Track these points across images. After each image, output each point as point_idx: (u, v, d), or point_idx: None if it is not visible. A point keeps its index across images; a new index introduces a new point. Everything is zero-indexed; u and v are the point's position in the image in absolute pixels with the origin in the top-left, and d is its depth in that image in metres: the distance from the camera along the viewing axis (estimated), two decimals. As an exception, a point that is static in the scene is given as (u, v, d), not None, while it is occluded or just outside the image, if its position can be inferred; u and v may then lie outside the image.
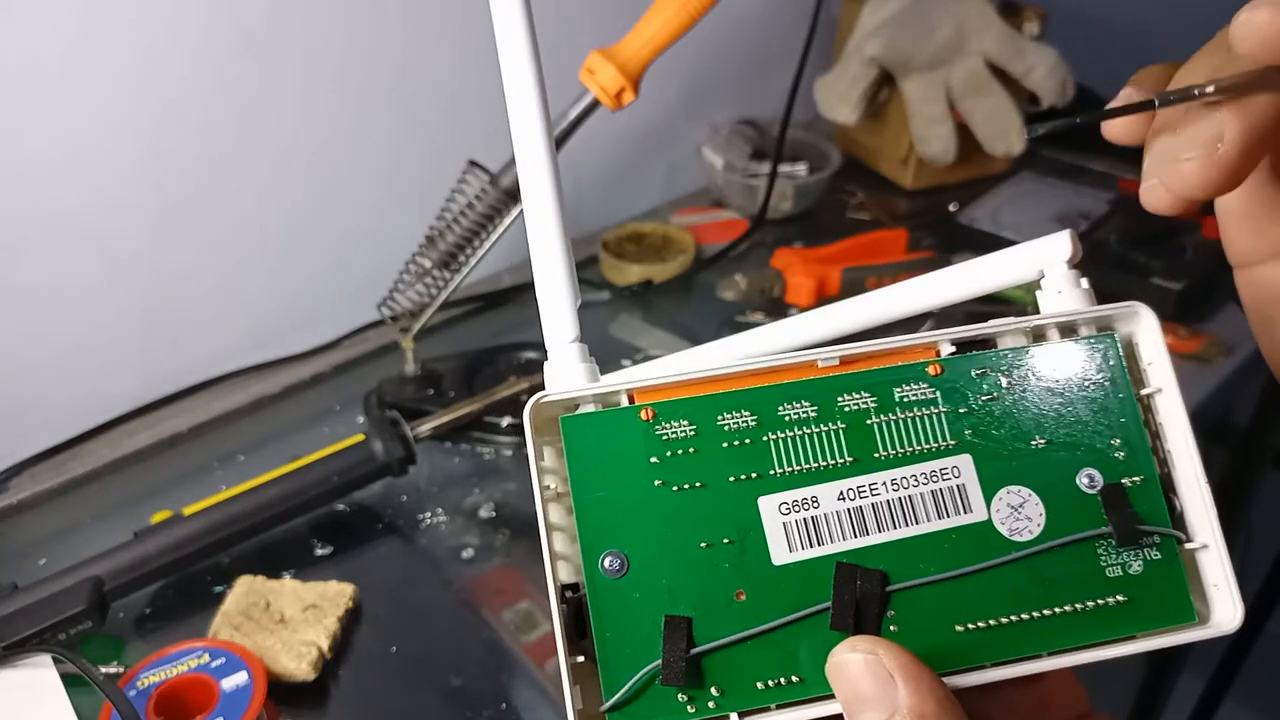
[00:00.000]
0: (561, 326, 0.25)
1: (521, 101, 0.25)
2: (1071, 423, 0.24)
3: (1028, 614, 0.23)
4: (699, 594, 0.23)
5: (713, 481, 0.23)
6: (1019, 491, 0.24)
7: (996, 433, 0.24)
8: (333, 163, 0.75)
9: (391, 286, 0.67)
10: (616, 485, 0.23)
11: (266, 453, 0.67)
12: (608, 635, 0.23)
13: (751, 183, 0.93)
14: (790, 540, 0.23)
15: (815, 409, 0.24)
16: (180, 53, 0.64)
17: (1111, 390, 0.25)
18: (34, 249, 0.63)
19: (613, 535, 0.23)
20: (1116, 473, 0.24)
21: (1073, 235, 0.25)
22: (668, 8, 0.56)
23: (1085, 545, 0.24)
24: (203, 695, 0.47)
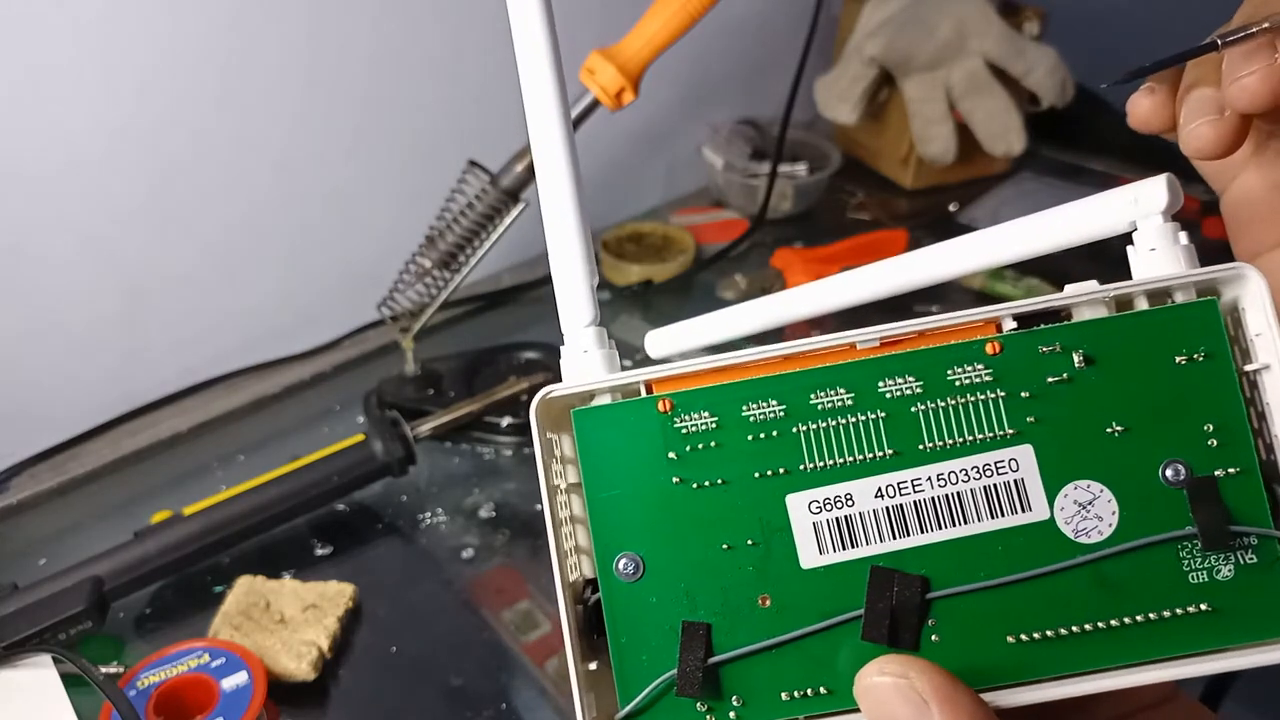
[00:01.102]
0: (577, 308, 0.23)
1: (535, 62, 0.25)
2: (1157, 405, 0.21)
3: (1091, 624, 0.21)
4: (720, 599, 0.21)
5: (736, 478, 0.21)
6: (1089, 487, 0.21)
7: (1065, 419, 0.21)
8: (333, 163, 0.75)
9: (391, 286, 0.67)
10: (632, 482, 0.21)
11: (266, 453, 0.67)
12: (622, 641, 0.21)
13: (751, 183, 0.93)
14: (821, 542, 0.21)
15: (852, 396, 0.21)
16: (180, 55, 0.64)
17: (1208, 366, 0.21)
18: (34, 250, 0.63)
19: (628, 536, 0.21)
20: (1209, 464, 0.21)
21: (1171, 181, 0.22)
22: (668, 8, 0.56)
23: (1165, 548, 0.21)
24: (203, 695, 0.47)
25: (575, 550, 0.22)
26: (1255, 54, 0.21)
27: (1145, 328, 0.21)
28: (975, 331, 0.21)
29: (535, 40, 0.24)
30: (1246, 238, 0.26)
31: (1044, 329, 0.21)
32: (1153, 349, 0.21)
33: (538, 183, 0.24)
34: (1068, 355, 0.21)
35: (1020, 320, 0.21)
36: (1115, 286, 0.21)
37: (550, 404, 0.22)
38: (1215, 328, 0.21)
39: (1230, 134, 0.22)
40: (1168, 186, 0.22)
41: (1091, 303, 0.22)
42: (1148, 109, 0.24)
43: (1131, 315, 0.21)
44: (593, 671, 0.22)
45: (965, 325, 0.21)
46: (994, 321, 0.21)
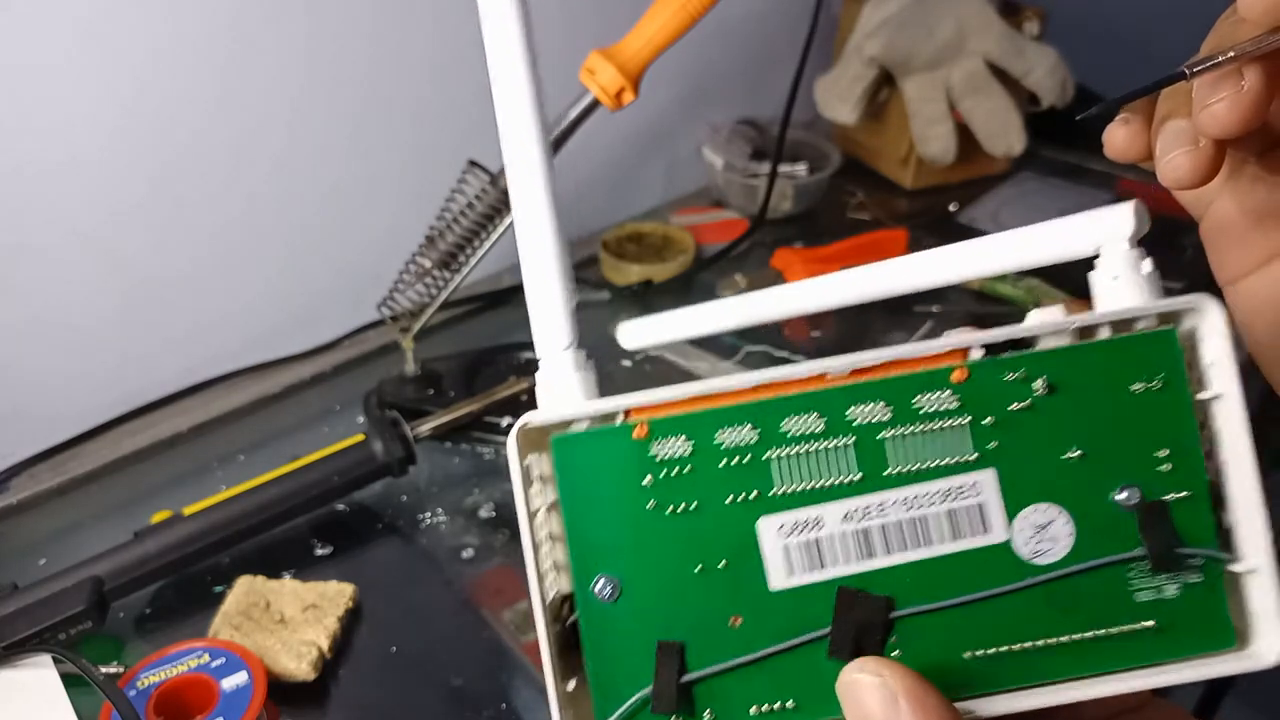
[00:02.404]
0: (553, 331, 0.23)
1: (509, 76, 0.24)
2: (1114, 431, 0.22)
3: (1042, 641, 0.22)
4: (693, 619, 0.22)
5: (709, 503, 0.22)
6: (1046, 509, 0.22)
7: (1026, 445, 0.22)
8: (333, 163, 0.75)
9: (391, 286, 0.67)
10: (608, 507, 0.22)
11: (266, 453, 0.67)
12: (600, 660, 0.22)
13: (751, 183, 0.93)
14: (790, 563, 0.22)
15: (823, 422, 0.22)
16: (180, 54, 0.64)
17: (1164, 394, 0.22)
18: (34, 249, 0.63)
19: (605, 558, 0.22)
20: (1160, 488, 0.22)
21: (1138, 208, 0.22)
22: (668, 8, 0.56)
23: (1115, 568, 0.22)
24: (203, 695, 0.47)
25: (554, 566, 0.23)
26: (1223, 82, 0.21)
27: (1105, 356, 0.22)
28: (944, 359, 0.22)
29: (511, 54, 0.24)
30: (1225, 263, 0.26)
31: (1008, 357, 0.22)
32: (1112, 377, 0.22)
33: (511, 199, 0.24)
34: (1030, 382, 0.22)
35: (988, 348, 0.22)
36: (1079, 319, 0.22)
37: (528, 433, 0.22)
38: (1173, 357, 0.22)
39: (1205, 164, 0.22)
40: (1134, 214, 0.22)
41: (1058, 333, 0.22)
42: (1123, 140, 0.25)
43: (1092, 345, 0.22)
44: (571, 691, 0.22)
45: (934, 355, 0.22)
46: (963, 350, 0.22)
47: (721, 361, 0.75)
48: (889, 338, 0.77)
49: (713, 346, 0.77)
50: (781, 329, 0.79)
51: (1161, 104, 0.24)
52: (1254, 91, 0.21)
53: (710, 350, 0.77)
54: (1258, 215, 0.25)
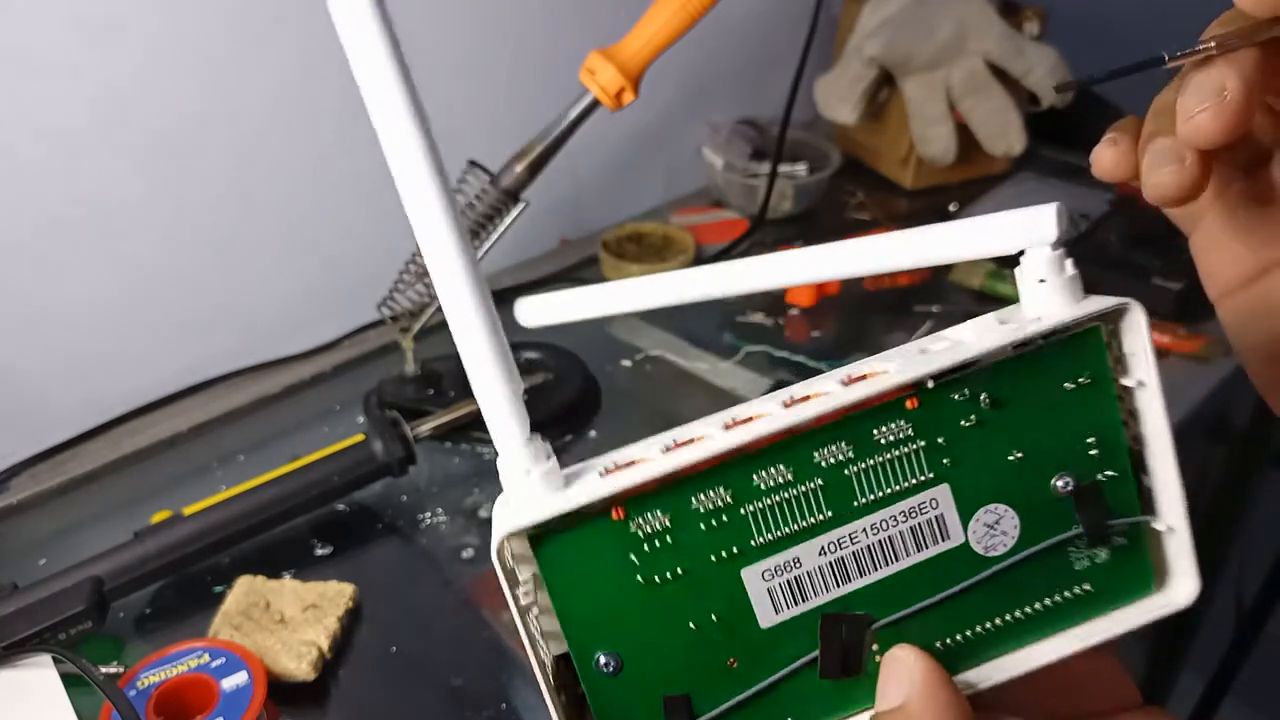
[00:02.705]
0: (508, 426, 0.22)
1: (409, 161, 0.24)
2: (1049, 429, 0.24)
3: (999, 619, 0.24)
4: (694, 670, 0.23)
5: (694, 566, 0.23)
6: (994, 509, 0.24)
7: (973, 456, 0.24)
8: (333, 162, 0.75)
9: (391, 286, 0.67)
10: (599, 589, 0.23)
11: (266, 453, 0.67)
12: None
13: (751, 183, 0.93)
14: (775, 603, 0.23)
15: (791, 471, 0.23)
16: (180, 54, 0.64)
17: (1092, 389, 0.24)
18: (34, 249, 0.63)
19: (602, 636, 0.23)
20: (1091, 471, 0.24)
21: (1058, 211, 0.23)
22: (668, 8, 0.56)
23: (1057, 547, 0.24)
24: (203, 695, 0.47)
25: (543, 635, 0.23)
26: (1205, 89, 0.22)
27: (1040, 363, 0.23)
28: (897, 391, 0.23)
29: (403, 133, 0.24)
30: (1215, 278, 0.27)
31: (953, 379, 0.23)
32: (1047, 380, 0.23)
33: (440, 300, 0.23)
34: (976, 399, 0.23)
35: (939, 376, 0.23)
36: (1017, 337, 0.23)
37: (507, 544, 0.23)
38: (1099, 355, 0.24)
39: (1191, 181, 0.23)
40: (1056, 218, 0.23)
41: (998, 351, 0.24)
42: (1111, 160, 0.25)
43: (1027, 354, 0.23)
44: None
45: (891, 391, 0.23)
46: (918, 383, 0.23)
47: (721, 362, 0.75)
48: (889, 338, 0.77)
49: (712, 347, 0.77)
50: (783, 330, 0.79)
51: (1148, 123, 0.24)
52: (1236, 101, 0.22)
53: (710, 350, 0.77)
54: (1245, 231, 0.26)
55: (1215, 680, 1.10)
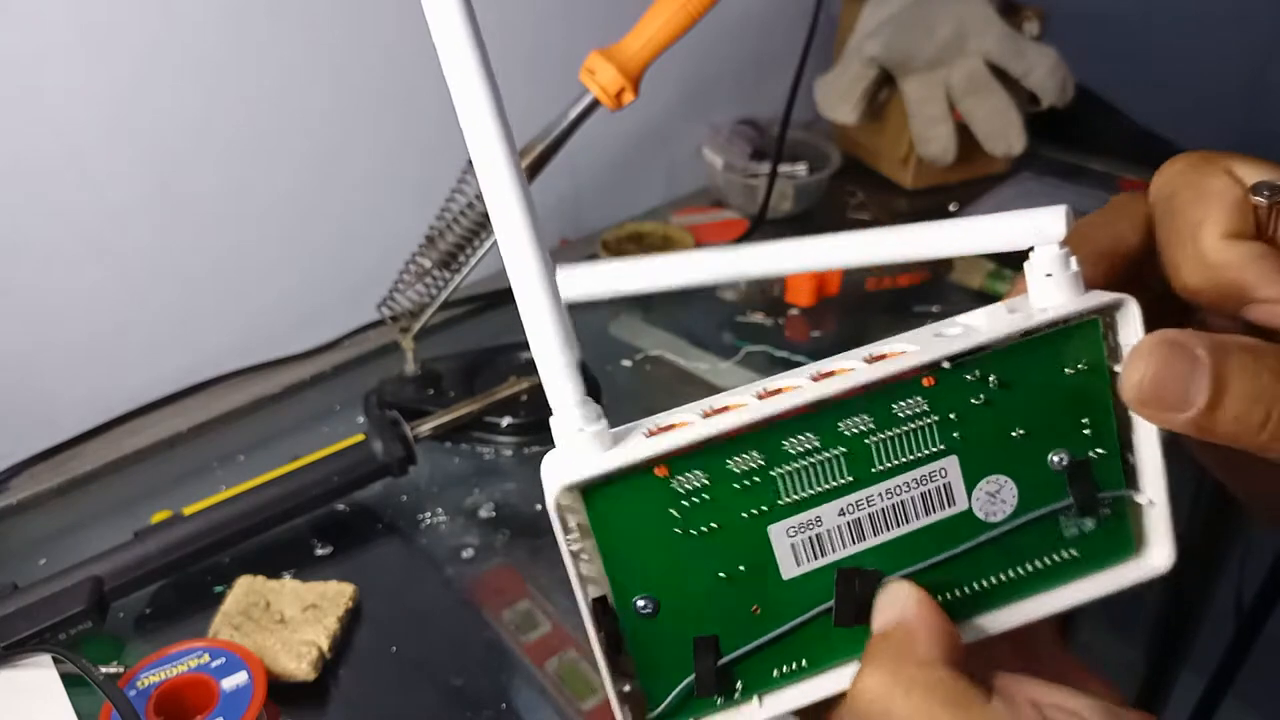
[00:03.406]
0: (563, 387, 0.24)
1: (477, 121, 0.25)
2: (1048, 409, 0.26)
3: (995, 578, 0.26)
4: (721, 615, 0.25)
5: (727, 521, 0.25)
6: (996, 479, 0.26)
7: (980, 431, 0.26)
8: (332, 162, 0.75)
9: (391, 286, 0.67)
10: (641, 539, 0.25)
11: (266, 453, 0.67)
12: (647, 664, 0.25)
13: (751, 183, 0.93)
14: (798, 557, 0.25)
15: (818, 439, 0.25)
16: (181, 52, 0.64)
17: (1088, 374, 0.26)
18: (34, 249, 0.63)
19: (641, 582, 0.25)
20: (1083, 449, 0.26)
21: (1067, 214, 0.25)
22: (668, 8, 0.56)
23: (1049, 516, 0.27)
24: (203, 695, 0.47)
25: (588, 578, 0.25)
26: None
27: (1044, 349, 0.26)
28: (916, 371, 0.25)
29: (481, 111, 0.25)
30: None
31: (967, 360, 0.25)
32: (1049, 365, 0.26)
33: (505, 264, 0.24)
34: (986, 380, 0.25)
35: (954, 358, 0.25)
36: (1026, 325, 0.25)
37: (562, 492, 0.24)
38: (1096, 344, 0.26)
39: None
40: (1065, 219, 0.25)
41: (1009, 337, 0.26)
42: None
43: (1034, 340, 0.26)
44: (627, 691, 0.26)
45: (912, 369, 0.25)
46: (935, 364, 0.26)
47: (721, 362, 0.75)
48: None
49: (712, 347, 0.77)
50: (783, 330, 0.79)
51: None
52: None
53: (710, 350, 0.77)
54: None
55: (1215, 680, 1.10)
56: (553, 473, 0.24)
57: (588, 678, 0.51)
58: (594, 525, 0.24)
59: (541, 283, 0.24)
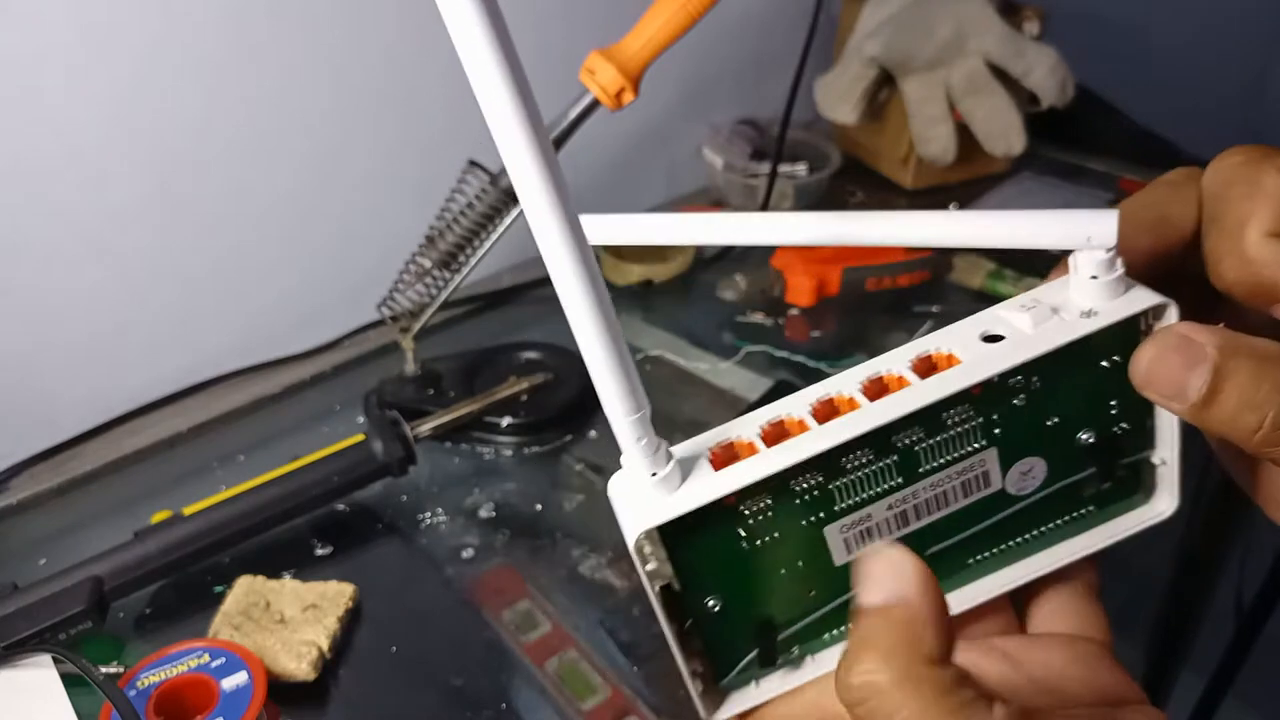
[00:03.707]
0: (629, 429, 0.24)
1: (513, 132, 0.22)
2: (1082, 398, 0.27)
3: (1021, 538, 0.28)
4: (780, 600, 0.28)
5: (788, 530, 0.27)
6: (1029, 461, 0.28)
7: (1019, 425, 0.27)
8: (332, 162, 0.75)
9: (391, 286, 0.67)
10: (709, 554, 0.27)
11: (266, 453, 0.67)
12: (716, 646, 0.28)
13: (751, 183, 0.93)
14: (849, 547, 0.27)
15: (873, 453, 0.26)
16: (181, 52, 0.64)
17: (1122, 365, 0.27)
18: (34, 249, 0.63)
19: (711, 586, 0.27)
20: (1110, 425, 0.28)
21: (1118, 220, 0.26)
22: (668, 8, 0.56)
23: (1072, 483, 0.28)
24: (203, 695, 0.47)
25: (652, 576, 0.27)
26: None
27: (1085, 348, 0.26)
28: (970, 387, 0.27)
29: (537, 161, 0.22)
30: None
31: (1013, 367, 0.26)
32: (1087, 360, 0.27)
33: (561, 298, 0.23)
34: (1029, 382, 0.27)
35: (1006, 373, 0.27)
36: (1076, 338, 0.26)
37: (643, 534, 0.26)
38: (1133, 339, 0.27)
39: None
40: (1116, 226, 0.26)
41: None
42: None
43: (1077, 342, 0.26)
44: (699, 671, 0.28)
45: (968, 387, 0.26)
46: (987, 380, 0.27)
47: (721, 362, 0.75)
48: (889, 338, 0.77)
49: (712, 347, 0.77)
50: (783, 330, 0.79)
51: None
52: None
53: (710, 350, 0.77)
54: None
55: (1215, 680, 1.10)
56: (631, 518, 0.25)
57: (587, 678, 0.51)
58: (667, 545, 0.26)
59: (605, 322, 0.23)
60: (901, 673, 0.22)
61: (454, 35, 0.19)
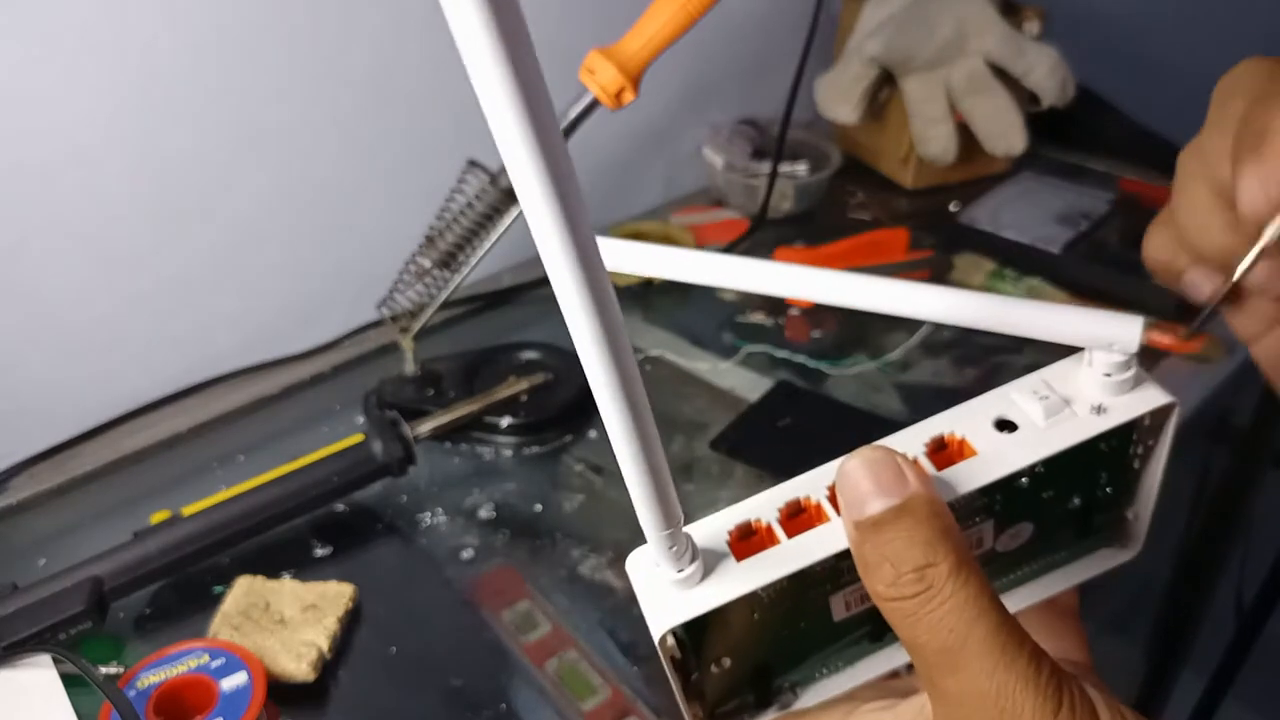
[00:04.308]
0: (656, 523, 0.24)
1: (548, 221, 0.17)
2: (1078, 474, 0.29)
3: (998, 581, 0.30)
4: (781, 653, 0.29)
5: (798, 600, 0.27)
6: (1020, 525, 0.29)
7: (1018, 500, 0.28)
8: (332, 162, 0.75)
9: (391, 286, 0.67)
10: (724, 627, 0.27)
11: (266, 453, 0.67)
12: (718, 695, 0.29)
13: (752, 182, 0.93)
14: (848, 606, 0.28)
15: None
16: (180, 54, 0.64)
17: (1117, 445, 0.29)
18: (34, 249, 0.63)
19: (721, 652, 0.28)
20: (1095, 490, 0.30)
21: (1145, 328, 0.26)
22: (668, 7, 0.56)
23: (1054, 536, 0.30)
24: (202, 696, 0.47)
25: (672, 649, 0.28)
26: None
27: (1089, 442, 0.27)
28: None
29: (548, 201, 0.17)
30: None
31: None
32: (1088, 447, 0.27)
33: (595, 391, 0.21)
34: (1034, 468, 0.27)
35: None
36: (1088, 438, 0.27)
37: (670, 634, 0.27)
38: (1130, 431, 0.29)
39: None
40: (1140, 334, 0.27)
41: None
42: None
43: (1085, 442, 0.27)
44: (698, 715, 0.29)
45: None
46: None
47: (721, 362, 0.75)
48: (889, 339, 0.77)
49: (712, 347, 0.77)
50: (783, 330, 0.79)
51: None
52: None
53: (710, 350, 0.77)
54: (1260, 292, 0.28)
55: (1215, 680, 1.10)
56: (657, 615, 0.25)
57: (587, 678, 0.51)
58: (685, 628, 0.27)
59: (644, 436, 0.21)
60: (959, 556, 0.23)
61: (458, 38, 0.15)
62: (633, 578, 0.26)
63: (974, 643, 0.22)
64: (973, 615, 0.22)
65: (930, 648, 0.23)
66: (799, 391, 0.72)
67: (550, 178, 0.16)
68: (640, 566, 0.26)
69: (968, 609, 0.22)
